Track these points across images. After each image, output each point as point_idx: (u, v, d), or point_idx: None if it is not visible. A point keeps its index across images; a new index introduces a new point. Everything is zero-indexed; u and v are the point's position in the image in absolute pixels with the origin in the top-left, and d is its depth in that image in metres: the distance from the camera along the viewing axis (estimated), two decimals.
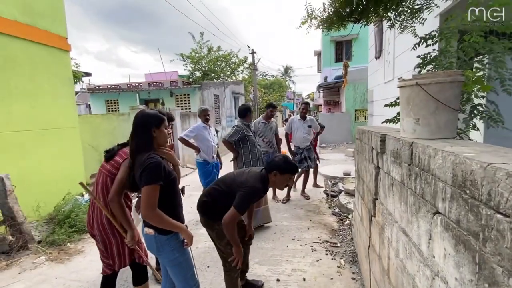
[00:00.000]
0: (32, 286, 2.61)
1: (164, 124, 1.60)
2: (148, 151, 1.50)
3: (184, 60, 16.95)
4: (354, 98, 11.69)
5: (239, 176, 1.98)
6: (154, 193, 1.43)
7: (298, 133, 4.74)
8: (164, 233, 1.54)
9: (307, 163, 4.72)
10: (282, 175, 1.93)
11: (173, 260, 1.59)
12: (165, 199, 1.52)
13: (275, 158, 2.01)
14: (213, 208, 1.95)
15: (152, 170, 1.42)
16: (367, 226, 2.05)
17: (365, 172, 2.09)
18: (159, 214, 1.45)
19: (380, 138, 1.50)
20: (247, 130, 3.49)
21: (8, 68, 3.77)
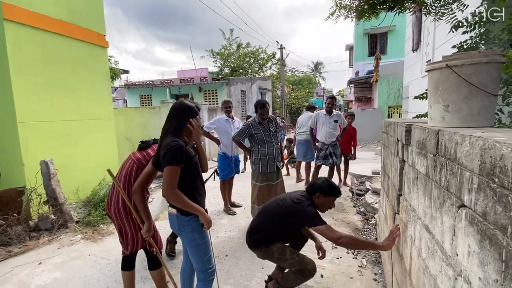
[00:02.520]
0: (68, 260, 2.87)
1: (197, 118, 1.69)
2: (175, 136, 1.58)
3: (214, 56, 17.31)
4: (388, 94, 11.04)
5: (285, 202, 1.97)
6: (175, 174, 1.50)
7: (323, 128, 4.58)
8: (185, 214, 1.61)
9: (332, 160, 4.56)
10: (326, 198, 1.93)
11: (192, 241, 1.67)
12: (185, 182, 1.59)
13: (318, 181, 1.99)
14: (265, 238, 1.98)
15: (173, 152, 1.50)
16: (391, 224, 1.92)
17: (390, 167, 1.96)
18: (178, 194, 1.51)
19: (405, 128, 1.39)
20: (256, 127, 3.36)
21: (53, 63, 4.14)
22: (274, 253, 1.94)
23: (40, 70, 3.95)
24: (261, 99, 3.58)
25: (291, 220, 1.90)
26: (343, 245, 1.72)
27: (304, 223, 1.88)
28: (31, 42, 3.83)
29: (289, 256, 1.93)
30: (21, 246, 3.17)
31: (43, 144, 3.97)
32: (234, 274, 2.52)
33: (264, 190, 3.42)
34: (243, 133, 3.38)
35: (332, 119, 4.57)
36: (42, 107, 3.98)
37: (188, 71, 17.17)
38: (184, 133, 1.65)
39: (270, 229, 1.97)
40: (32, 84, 3.84)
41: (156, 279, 2.10)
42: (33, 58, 3.86)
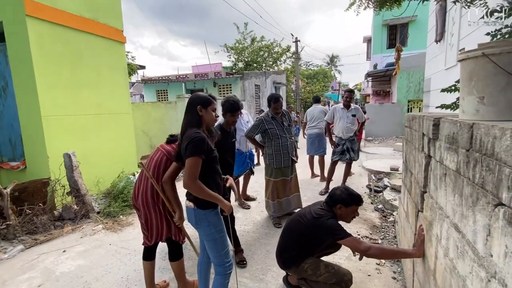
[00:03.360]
0: (90, 249, 2.99)
1: (212, 107, 1.71)
2: (196, 127, 1.63)
3: (228, 51, 17.29)
4: (408, 88, 10.63)
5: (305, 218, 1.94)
6: (196, 165, 1.53)
7: (340, 122, 4.45)
8: (202, 207, 1.64)
9: (349, 155, 4.43)
10: (348, 208, 1.88)
11: (209, 235, 1.69)
12: (205, 173, 1.62)
13: (337, 191, 1.93)
14: (293, 258, 1.95)
15: (196, 143, 1.54)
16: (413, 222, 1.85)
17: (414, 163, 1.87)
18: (199, 184, 1.54)
19: (433, 122, 1.31)
20: (270, 122, 3.30)
21: (74, 59, 4.27)
22: (307, 270, 1.89)
23: (62, 65, 4.08)
24: (274, 93, 3.54)
25: (314, 236, 1.86)
26: (372, 256, 1.67)
27: (328, 237, 1.81)
28: (53, 38, 3.96)
29: (323, 270, 1.88)
30: (46, 235, 3.34)
31: (66, 137, 4.12)
32: (249, 267, 2.53)
33: (279, 185, 3.40)
34: (256, 128, 3.34)
35: (350, 113, 4.43)
36: (65, 102, 4.12)
37: (203, 66, 17.28)
38: (203, 123, 1.69)
39: (295, 248, 1.93)
40: (55, 80, 3.98)
41: (176, 270, 2.14)
42: (55, 54, 4.00)
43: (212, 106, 1.72)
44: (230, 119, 2.62)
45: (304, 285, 1.99)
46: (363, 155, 7.69)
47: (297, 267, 1.93)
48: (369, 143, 10.11)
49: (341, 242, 1.75)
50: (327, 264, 1.92)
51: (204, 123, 1.71)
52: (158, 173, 1.90)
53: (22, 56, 3.71)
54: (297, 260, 1.93)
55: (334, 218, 1.86)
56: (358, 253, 1.71)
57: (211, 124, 1.77)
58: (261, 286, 2.26)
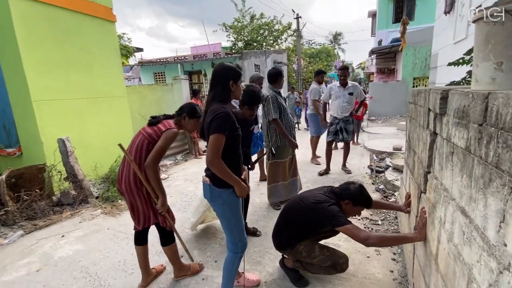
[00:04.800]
0: (89, 233, 2.99)
1: (241, 80, 1.63)
2: (222, 102, 1.56)
3: (227, 30, 16.73)
4: (414, 64, 10.22)
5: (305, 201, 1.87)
6: (220, 141, 1.47)
7: (337, 101, 4.25)
8: (217, 185, 1.60)
9: (342, 136, 4.28)
10: (355, 207, 1.79)
11: (222, 213, 1.68)
12: (226, 152, 1.54)
13: (351, 186, 1.83)
14: (288, 239, 1.90)
15: (221, 120, 1.47)
16: (415, 204, 1.76)
17: (418, 142, 1.75)
18: (220, 162, 1.49)
19: (440, 95, 1.17)
20: (280, 97, 3.20)
21: (63, 39, 4.07)
22: (302, 251, 1.85)
23: (50, 46, 3.90)
24: (275, 67, 3.35)
25: (312, 220, 1.79)
26: (372, 245, 1.59)
27: (326, 223, 1.74)
28: (38, 17, 3.75)
29: (318, 252, 1.83)
30: (45, 220, 3.34)
31: (60, 122, 4.03)
32: (247, 249, 2.46)
33: (286, 165, 3.33)
34: (276, 108, 3.07)
35: (347, 92, 4.19)
36: (56, 85, 3.99)
37: (201, 47, 16.79)
38: (231, 97, 1.62)
39: (292, 230, 1.88)
40: (44, 62, 3.82)
41: (169, 254, 2.11)
42: (42, 34, 3.80)
43: (240, 79, 1.65)
44: (247, 113, 2.31)
45: (299, 267, 1.95)
46: (365, 135, 7.55)
47: (292, 248, 1.88)
48: (372, 123, 9.91)
49: (339, 229, 1.68)
50: (322, 246, 1.87)
51: (232, 98, 1.64)
52: (140, 157, 1.81)
53: (7, 37, 3.53)
54: (293, 242, 1.88)
55: (335, 205, 1.77)
56: (357, 241, 1.62)
57: (239, 98, 1.73)
58: (258, 269, 2.23)
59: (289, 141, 3.16)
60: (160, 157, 1.75)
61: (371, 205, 1.84)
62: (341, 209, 1.78)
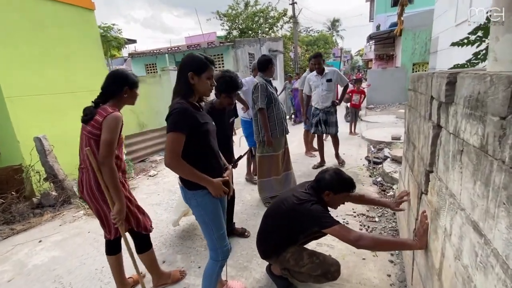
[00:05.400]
0: (68, 238, 2.81)
1: (208, 74, 1.43)
2: (184, 98, 1.41)
3: (221, 18, 16.24)
4: (413, 50, 9.87)
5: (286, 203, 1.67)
6: (177, 141, 1.34)
7: (316, 91, 3.99)
8: (189, 187, 1.47)
9: (321, 128, 4.00)
10: (337, 195, 1.61)
11: (198, 216, 1.54)
12: (193, 151, 1.41)
13: (325, 175, 1.64)
14: (273, 247, 1.72)
15: (176, 117, 1.34)
16: (415, 204, 1.56)
17: (418, 134, 1.54)
18: (180, 164, 1.36)
19: (447, 79, 0.95)
20: (270, 86, 2.98)
21: (38, 31, 3.79)
22: (289, 260, 1.67)
23: (22, 39, 3.62)
24: (265, 55, 3.12)
25: (296, 224, 1.60)
26: (363, 247, 1.40)
27: (311, 226, 1.56)
28: (8, 8, 3.46)
29: (307, 260, 1.65)
30: (24, 224, 3.16)
31: (37, 119, 3.79)
32: (233, 253, 2.32)
33: (279, 159, 3.13)
34: (264, 97, 2.87)
35: (325, 79, 3.88)
36: (30, 80, 3.73)
37: (196, 36, 16.29)
38: (194, 92, 1.44)
39: (276, 236, 1.69)
40: (16, 55, 3.55)
41: (146, 261, 1.93)
42: (13, 26, 3.52)
43: (208, 73, 1.43)
44: (224, 101, 2.12)
45: (287, 275, 1.78)
46: (363, 124, 7.33)
47: (278, 256, 1.70)
48: (370, 111, 9.65)
49: (326, 231, 1.50)
50: (311, 253, 1.68)
51: (197, 94, 1.47)
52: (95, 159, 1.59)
53: None
54: (278, 249, 1.69)
55: (319, 203, 1.59)
56: (347, 243, 1.45)
57: (205, 95, 1.52)
58: (244, 275, 2.06)
59: (266, 137, 2.95)
60: (111, 149, 1.51)
61: (354, 186, 1.67)
62: (324, 203, 1.63)
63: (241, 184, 3.82)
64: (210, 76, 1.46)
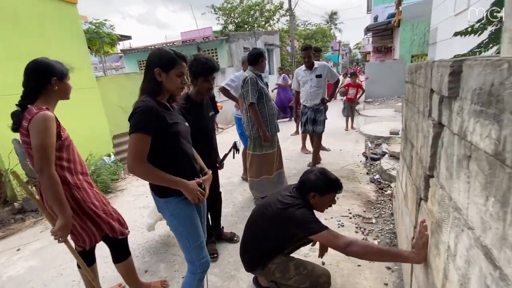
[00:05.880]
0: (47, 245, 2.65)
1: (177, 70, 1.29)
2: (151, 96, 1.28)
3: (216, 12, 15.97)
4: (412, 41, 9.65)
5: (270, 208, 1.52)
6: (140, 144, 1.21)
7: (305, 87, 3.72)
8: (160, 194, 1.35)
9: (310, 127, 3.74)
10: (323, 197, 1.47)
11: (172, 226, 1.41)
12: (161, 155, 1.29)
13: (310, 176, 1.51)
14: (257, 259, 1.56)
15: (138, 116, 1.21)
16: (413, 210, 1.41)
17: (416, 132, 1.37)
18: (144, 168, 1.23)
19: (450, 68, 0.78)
20: (261, 81, 2.80)
21: (13, 27, 3.58)
22: (275, 272, 1.52)
23: None
24: (256, 48, 2.96)
25: (281, 231, 1.46)
26: (353, 255, 1.26)
27: (297, 232, 1.43)
28: None
29: (293, 272, 1.51)
30: (5, 230, 3.00)
31: None
32: (221, 261, 2.18)
33: (272, 157, 2.98)
34: (255, 91, 2.69)
35: (314, 74, 3.61)
36: (7, 79, 3.53)
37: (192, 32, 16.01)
38: (162, 90, 1.31)
39: (260, 246, 1.55)
40: None
41: (123, 272, 1.78)
42: None
43: (177, 69, 1.29)
44: (202, 87, 1.90)
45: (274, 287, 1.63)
46: (361, 119, 7.16)
47: (263, 268, 1.55)
48: (368, 105, 9.48)
49: (313, 237, 1.37)
50: (298, 264, 1.54)
51: (166, 92, 1.33)
52: None
53: None
54: (263, 261, 1.55)
55: (305, 207, 1.45)
56: (336, 250, 1.31)
57: (175, 93, 1.38)
58: (231, 285, 1.92)
59: (263, 132, 2.78)
60: (46, 156, 1.29)
61: (341, 187, 1.53)
62: (310, 206, 1.49)
63: (232, 184, 3.67)
64: (180, 73, 1.30)
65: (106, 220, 1.58)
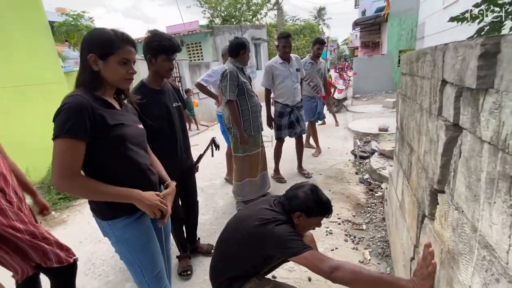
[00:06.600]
0: None
1: (119, 57, 1.00)
2: (87, 89, 1.01)
3: (202, 5, 15.49)
4: (399, 36, 9.57)
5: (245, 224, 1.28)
6: (68, 153, 0.94)
7: (285, 83, 3.08)
8: (102, 215, 1.09)
9: (300, 127, 3.30)
10: (310, 219, 1.27)
11: (120, 254, 1.16)
12: (100, 166, 1.04)
13: (299, 193, 1.27)
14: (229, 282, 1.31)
15: (63, 117, 0.94)
16: (412, 225, 1.19)
17: (418, 134, 1.15)
18: (81, 183, 0.98)
19: (481, 48, 0.55)
20: (242, 75, 2.52)
21: None
22: None
23: None
24: (237, 37, 2.63)
25: (256, 252, 1.24)
26: (340, 281, 1.03)
27: (275, 253, 1.21)
28: None
29: None
30: None
31: None
32: (195, 278, 1.94)
33: (256, 159, 2.73)
34: (234, 86, 2.41)
35: (294, 68, 3.14)
36: None
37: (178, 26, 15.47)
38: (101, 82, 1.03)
39: (233, 268, 1.31)
40: None
41: None
42: None
43: (118, 55, 1.00)
44: (162, 67, 1.55)
45: None
46: (349, 115, 7.01)
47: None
48: (356, 100, 9.37)
49: (293, 259, 1.14)
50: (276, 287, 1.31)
51: (108, 85, 1.06)
52: None
53: None
54: (235, 285, 1.31)
55: (286, 223, 1.22)
56: (320, 275, 1.09)
57: (120, 86, 1.09)
58: None
59: (240, 133, 2.52)
60: None
61: (331, 211, 1.32)
62: (293, 225, 1.26)
63: (214, 187, 3.41)
64: (124, 59, 1.01)
65: (35, 245, 1.29)
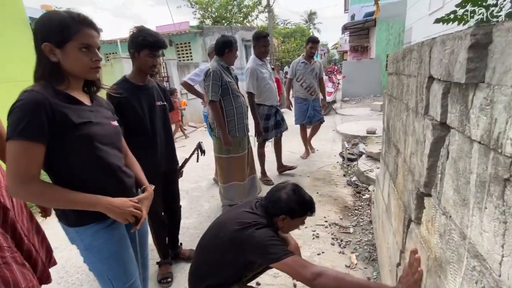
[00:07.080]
0: None
1: (79, 42, 0.88)
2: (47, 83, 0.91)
3: (193, 6, 15.38)
4: (387, 40, 9.75)
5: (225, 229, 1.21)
6: (24, 156, 0.83)
7: (269, 83, 3.03)
8: (68, 222, 0.99)
9: (284, 125, 3.30)
10: (294, 220, 1.23)
11: (89, 263, 1.06)
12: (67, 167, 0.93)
13: (282, 194, 1.22)
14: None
15: (19, 115, 0.82)
16: (399, 230, 1.15)
17: (404, 135, 1.11)
18: (40, 190, 0.87)
19: (471, 39, 0.50)
20: (227, 74, 2.44)
21: None
22: None
23: None
24: (224, 35, 2.54)
25: (236, 258, 1.17)
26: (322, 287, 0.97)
27: (255, 258, 1.15)
28: None
29: None
30: None
31: None
32: (175, 286, 1.83)
33: (243, 161, 2.64)
34: (217, 86, 2.32)
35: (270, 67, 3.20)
36: None
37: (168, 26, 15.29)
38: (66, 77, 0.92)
39: (212, 275, 1.24)
40: None
41: None
42: None
43: (77, 40, 0.88)
44: (145, 62, 1.49)
45: None
46: (338, 118, 7.06)
47: None
48: (345, 103, 9.45)
49: (275, 266, 1.07)
50: None
51: (72, 77, 0.94)
52: None
53: None
54: None
55: (267, 227, 1.16)
56: (301, 282, 1.04)
57: (85, 76, 0.96)
58: None
59: (223, 135, 2.43)
60: None
61: (314, 209, 1.27)
62: (276, 228, 1.21)
63: (200, 190, 3.31)
64: (85, 45, 0.89)
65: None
